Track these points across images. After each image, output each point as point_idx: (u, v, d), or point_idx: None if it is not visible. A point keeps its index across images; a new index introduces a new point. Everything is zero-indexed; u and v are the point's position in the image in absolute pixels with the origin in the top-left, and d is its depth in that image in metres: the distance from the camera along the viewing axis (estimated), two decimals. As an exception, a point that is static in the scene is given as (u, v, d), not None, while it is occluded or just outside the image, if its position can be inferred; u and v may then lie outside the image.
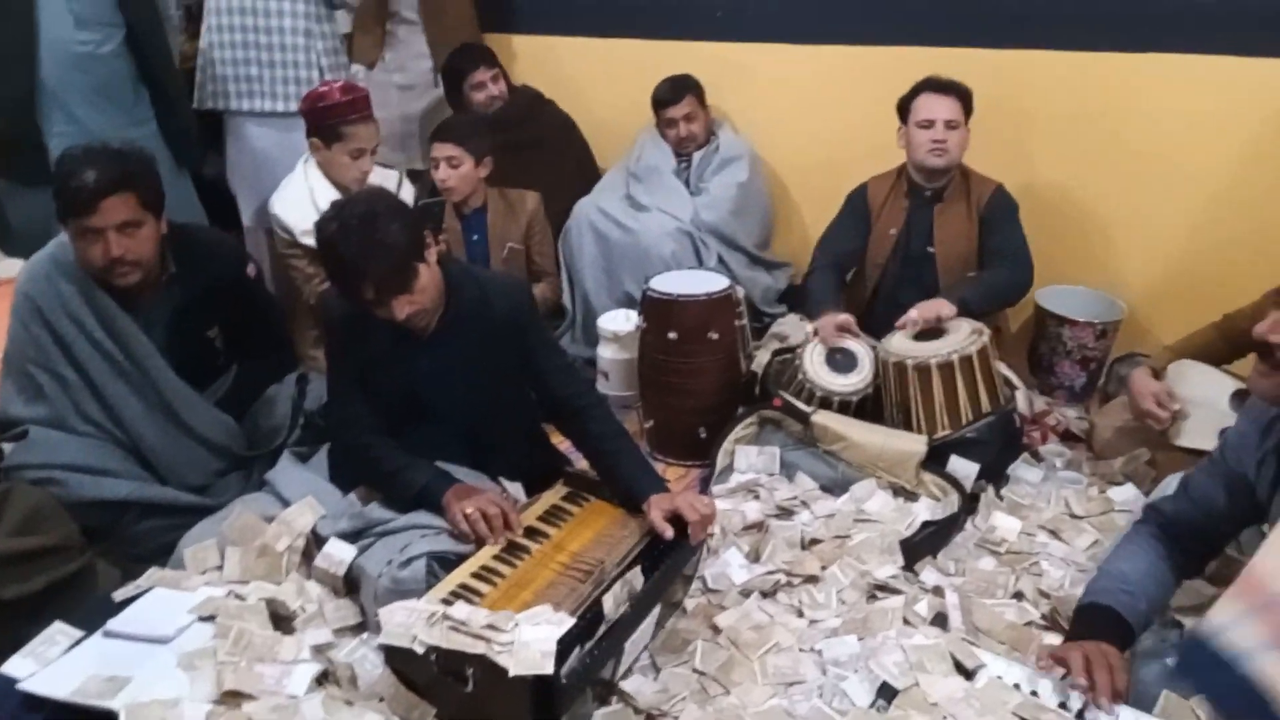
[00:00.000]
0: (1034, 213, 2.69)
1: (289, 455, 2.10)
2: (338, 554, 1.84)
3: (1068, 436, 2.60)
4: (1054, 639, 1.77)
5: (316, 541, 1.90)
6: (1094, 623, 1.47)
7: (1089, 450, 2.50)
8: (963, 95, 2.56)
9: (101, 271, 1.95)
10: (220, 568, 1.86)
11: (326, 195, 2.58)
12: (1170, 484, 1.79)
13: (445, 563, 1.75)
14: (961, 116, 2.56)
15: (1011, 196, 2.64)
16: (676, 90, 3.13)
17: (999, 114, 2.73)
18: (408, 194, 2.81)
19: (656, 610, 1.75)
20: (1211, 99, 2.65)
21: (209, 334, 2.20)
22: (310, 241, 2.12)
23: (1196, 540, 1.59)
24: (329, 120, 2.54)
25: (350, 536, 1.88)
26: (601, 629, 1.59)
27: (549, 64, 3.49)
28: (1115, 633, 1.45)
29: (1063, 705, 1.36)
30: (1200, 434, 2.12)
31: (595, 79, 3.50)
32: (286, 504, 1.94)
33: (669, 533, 1.76)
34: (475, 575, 1.71)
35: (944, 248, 2.64)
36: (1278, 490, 1.46)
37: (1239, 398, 2.10)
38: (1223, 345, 2.20)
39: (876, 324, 2.58)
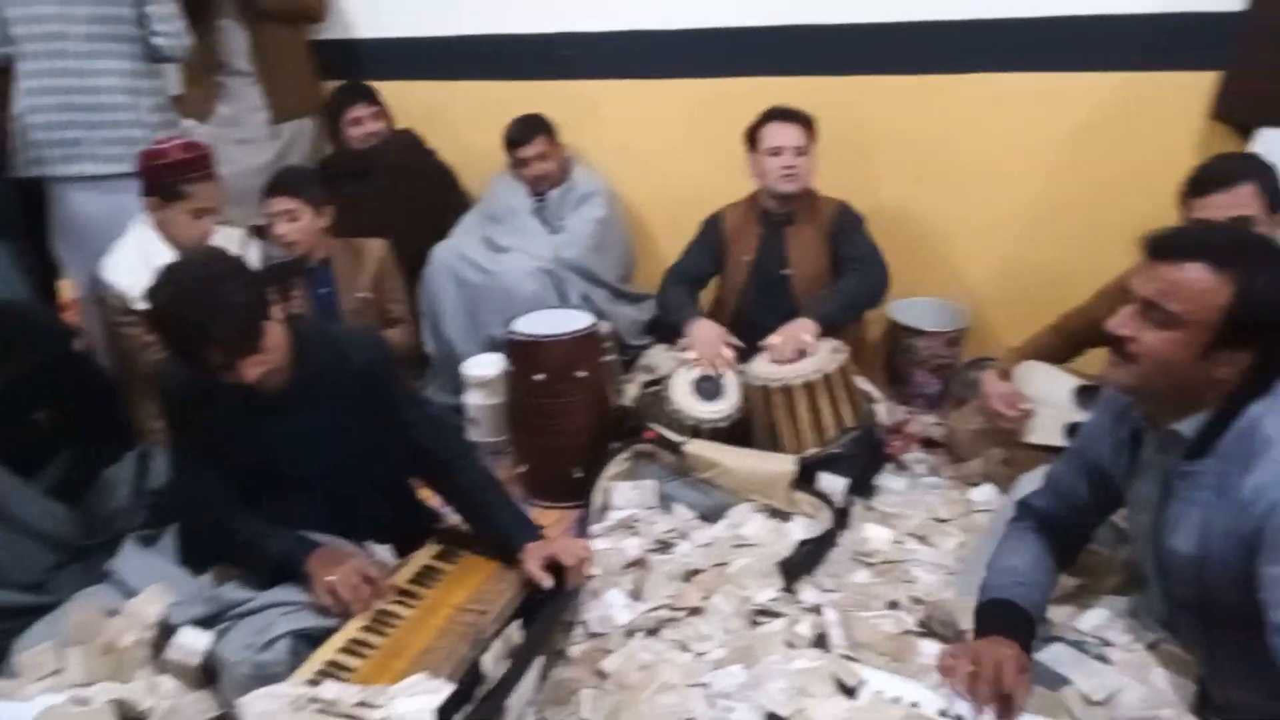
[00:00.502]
0: (880, 230, 2.79)
1: (132, 540, 1.95)
2: (191, 643, 1.71)
3: (928, 443, 2.70)
4: (930, 645, 1.81)
5: (167, 632, 1.76)
6: (995, 619, 1.50)
7: (948, 454, 2.60)
8: (807, 122, 2.66)
9: None
10: (60, 671, 1.70)
11: (164, 257, 2.42)
12: (1028, 481, 1.86)
13: (311, 640, 1.65)
14: (807, 142, 2.65)
15: (856, 212, 2.75)
16: (527, 130, 3.12)
17: (841, 138, 2.83)
18: (254, 253, 2.69)
19: (539, 663, 1.70)
20: (1029, 113, 2.83)
21: (35, 417, 2.04)
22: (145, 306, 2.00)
23: (1067, 532, 1.65)
24: (168, 179, 2.42)
25: (205, 622, 1.75)
26: (480, 690, 1.54)
27: (396, 109, 3.43)
28: (1016, 624, 1.48)
29: (943, 713, 1.39)
30: (1048, 431, 2.23)
31: (444, 122, 3.46)
32: (132, 594, 1.81)
33: (547, 582, 1.72)
34: (344, 650, 1.62)
35: (798, 269, 2.71)
36: (1132, 478, 1.53)
37: (1082, 394, 2.22)
38: (1061, 345, 2.33)
39: (740, 356, 2.60)
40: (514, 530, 1.82)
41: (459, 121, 3.47)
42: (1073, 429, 2.21)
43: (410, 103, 3.38)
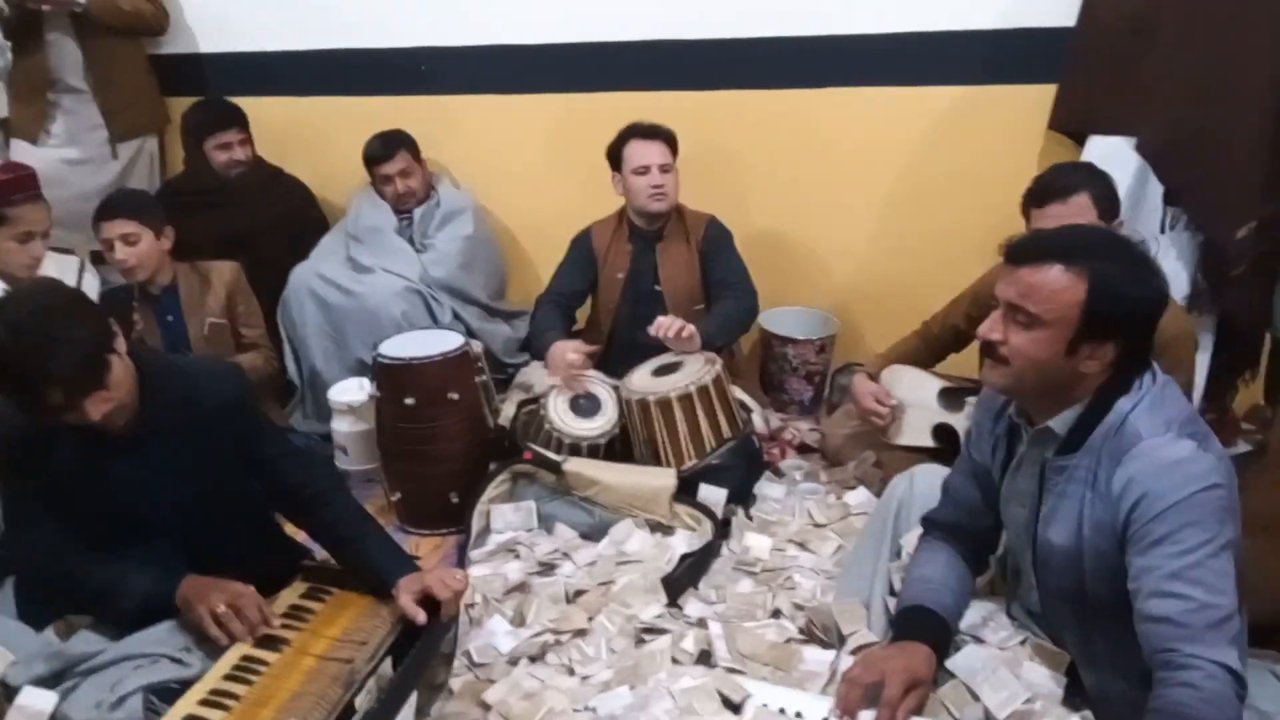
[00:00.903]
0: (748, 242, 2.84)
1: (-36, 597, 1.78)
2: (35, 704, 1.56)
3: (803, 449, 2.76)
4: (812, 651, 1.83)
5: (6, 694, 1.61)
6: (908, 625, 1.53)
7: (823, 460, 2.65)
8: (669, 138, 2.66)
9: None
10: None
11: (-10, 285, 2.27)
12: (899, 481, 1.90)
13: (166, 693, 1.54)
14: (672, 158, 2.65)
15: (725, 226, 2.77)
16: (388, 146, 3.03)
17: (703, 152, 2.87)
18: (91, 281, 2.52)
19: (413, 699, 1.63)
20: (881, 125, 2.93)
21: None
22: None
23: (973, 538, 1.69)
24: None
25: (49, 681, 1.61)
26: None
27: (259, 124, 3.27)
28: (928, 627, 1.52)
29: (826, 720, 1.40)
30: (915, 432, 2.31)
31: (300, 139, 3.34)
32: (-35, 656, 1.65)
33: (420, 617, 1.65)
34: (204, 703, 1.51)
35: (670, 284, 2.72)
36: (1008, 473, 1.58)
37: (946, 395, 2.31)
38: (924, 350, 2.42)
39: (615, 366, 2.61)
40: (386, 565, 1.74)
41: (315, 138, 3.35)
42: (938, 430, 2.29)
43: (263, 118, 3.23)
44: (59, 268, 2.44)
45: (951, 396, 2.31)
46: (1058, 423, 1.45)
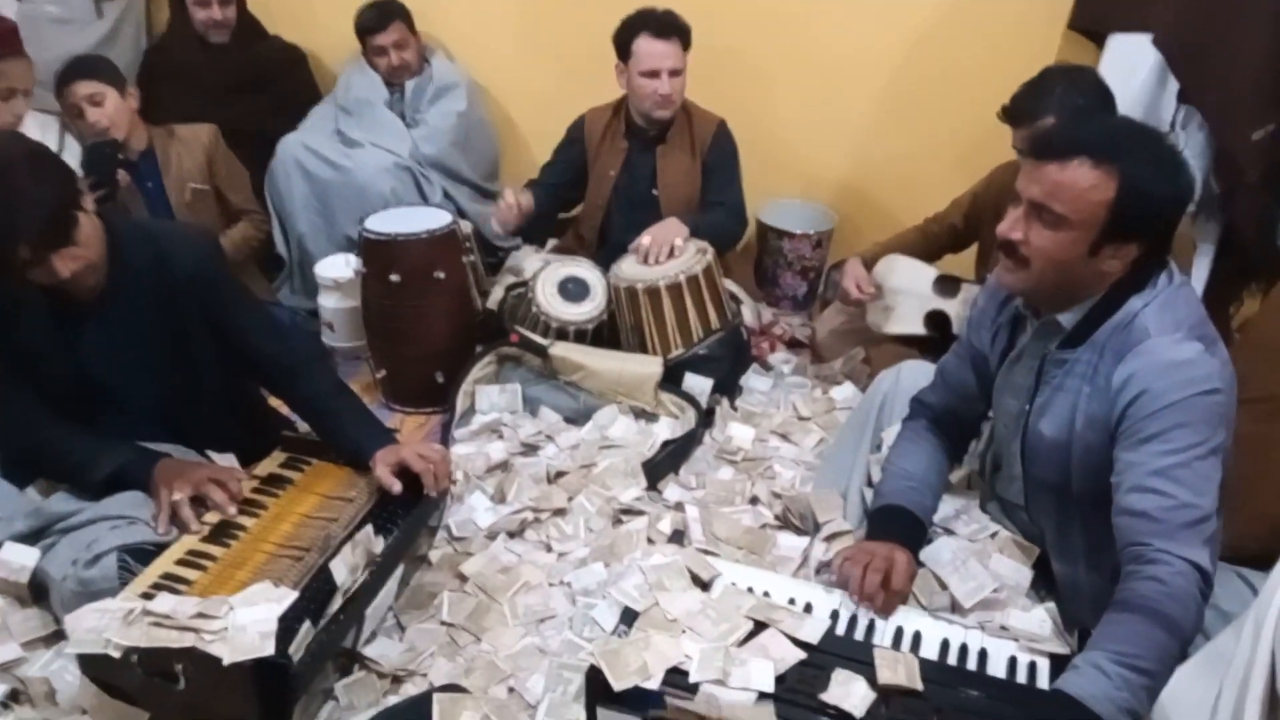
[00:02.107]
0: (746, 133, 2.73)
1: (-53, 455, 1.78)
2: (17, 559, 1.59)
3: (793, 344, 2.74)
4: (786, 537, 1.86)
5: (-11, 546, 1.63)
6: (888, 523, 1.55)
7: (813, 355, 2.64)
8: (684, 35, 2.46)
9: None
10: None
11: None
12: (885, 376, 1.89)
13: (141, 554, 1.55)
14: (683, 60, 2.47)
15: (732, 138, 2.62)
16: (383, 16, 2.91)
17: (706, 39, 2.72)
18: (72, 143, 2.45)
19: (400, 570, 1.65)
20: (882, 11, 2.79)
21: None
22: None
23: (959, 424, 1.70)
24: None
25: (30, 537, 1.63)
26: (338, 600, 1.48)
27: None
28: (907, 529, 1.53)
29: (791, 601, 1.42)
30: (907, 320, 2.29)
31: (294, 6, 3.20)
32: (-53, 511, 1.66)
33: (396, 487, 1.65)
34: (181, 562, 1.53)
35: (668, 191, 2.58)
36: (1005, 363, 1.56)
37: (941, 283, 2.28)
38: (922, 244, 2.38)
39: (604, 264, 2.53)
40: (364, 438, 1.74)
41: (305, 3, 3.21)
42: (931, 317, 2.27)
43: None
44: (41, 126, 2.38)
45: (946, 283, 2.29)
46: (1066, 317, 1.42)
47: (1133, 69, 2.34)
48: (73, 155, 2.41)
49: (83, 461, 1.68)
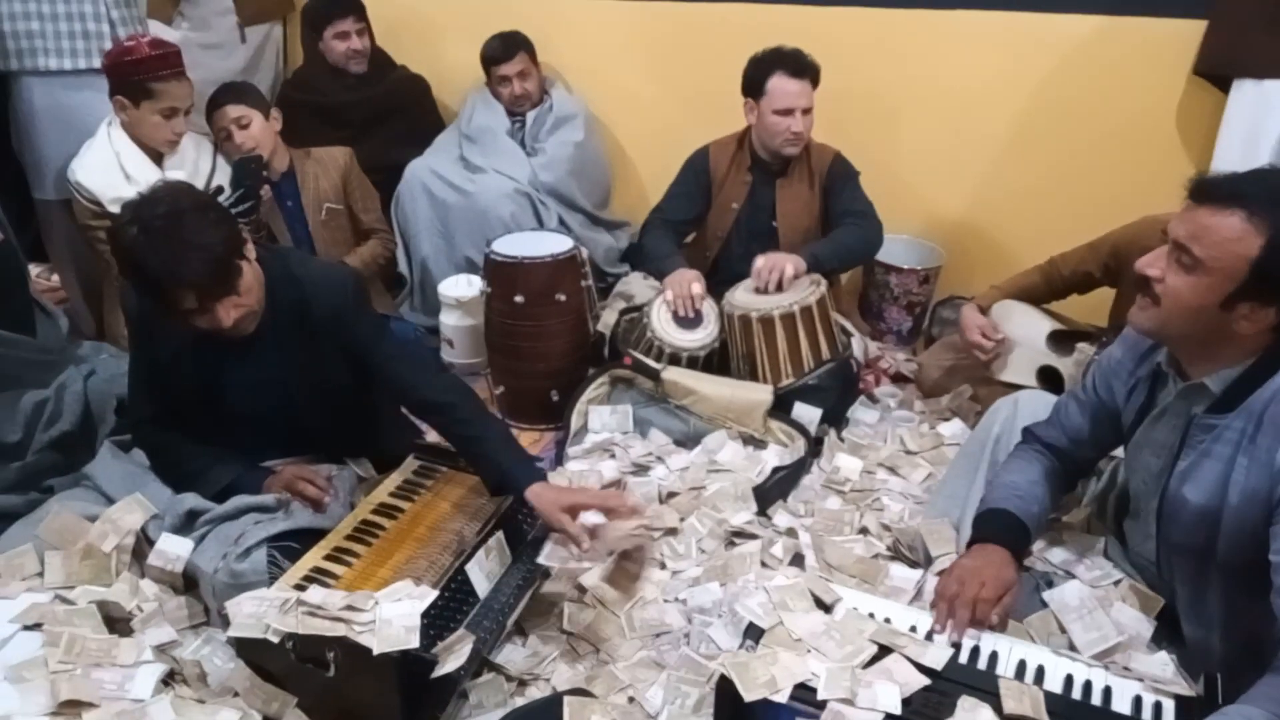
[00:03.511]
0: (858, 164, 2.77)
1: (109, 447, 1.93)
2: (172, 550, 1.71)
3: (898, 378, 2.75)
4: (899, 568, 1.88)
5: (147, 538, 1.76)
6: (989, 526, 1.56)
7: (918, 390, 2.65)
8: (815, 74, 2.50)
9: None
10: (40, 574, 1.70)
11: (135, 159, 2.39)
12: (998, 410, 1.89)
13: (286, 551, 1.66)
14: (813, 98, 2.51)
15: (850, 164, 2.65)
16: (508, 47, 3.05)
17: (823, 70, 2.80)
18: (223, 164, 2.62)
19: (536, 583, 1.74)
20: (1006, 52, 2.80)
21: None
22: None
23: (1067, 461, 1.69)
24: (137, 76, 2.33)
25: (181, 529, 1.76)
26: (477, 610, 1.58)
27: (377, 20, 3.31)
28: (1009, 530, 1.54)
29: (913, 629, 1.45)
30: (1020, 370, 2.28)
31: (420, 35, 3.37)
32: (110, 500, 1.80)
33: (585, 543, 1.63)
34: (328, 558, 1.64)
35: (786, 221, 2.62)
36: (1142, 418, 1.54)
37: (1056, 338, 2.26)
38: (1044, 287, 2.34)
39: (718, 292, 2.58)
40: (511, 467, 1.70)
41: (431, 33, 3.37)
42: (1044, 372, 2.26)
43: (380, 13, 3.26)
44: (196, 146, 2.55)
45: (1062, 340, 2.27)
46: (1214, 380, 1.38)
47: (1261, 118, 2.32)
48: (224, 174, 2.58)
49: (199, 472, 1.82)
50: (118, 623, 1.63)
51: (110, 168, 2.37)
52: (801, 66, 2.48)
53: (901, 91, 2.96)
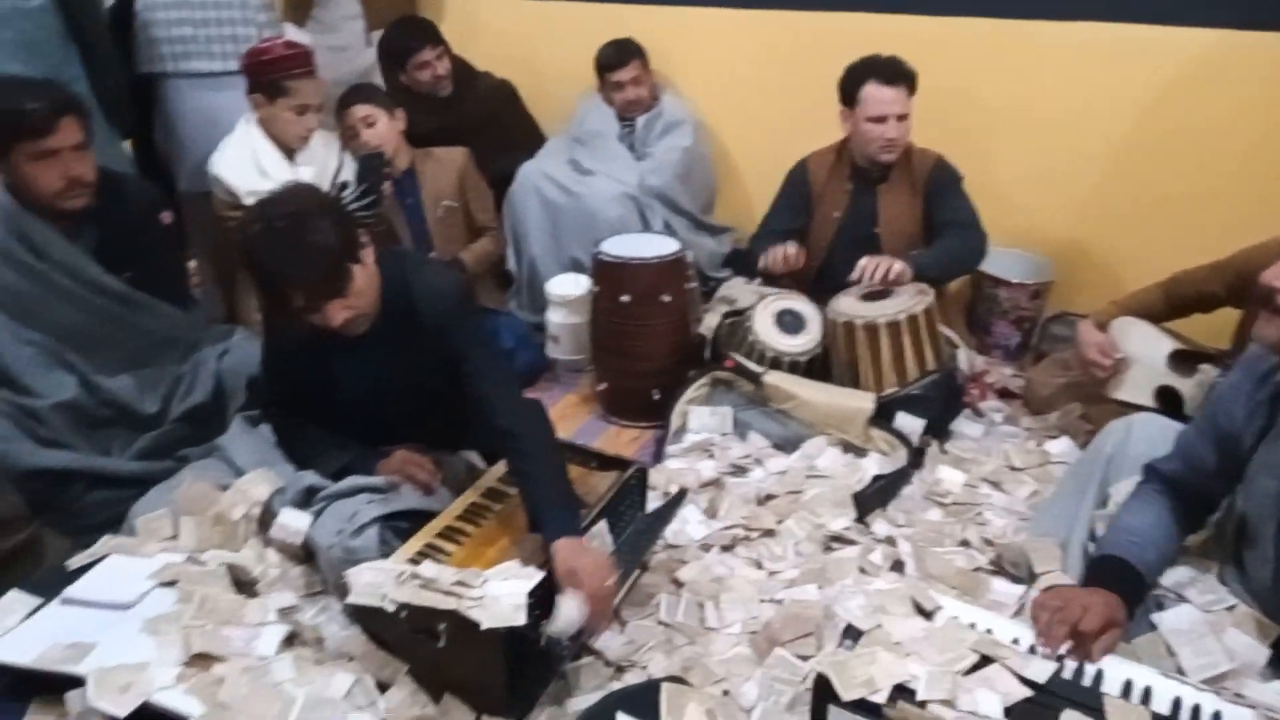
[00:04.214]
0: (969, 177, 2.73)
1: (240, 421, 2.06)
2: (293, 523, 1.81)
3: (1004, 393, 2.70)
4: (1000, 583, 1.85)
5: (271, 510, 1.87)
6: (1102, 573, 1.52)
7: (1025, 406, 2.60)
8: (910, 82, 2.49)
9: (56, 195, 1.98)
10: (175, 537, 1.82)
11: (269, 155, 2.53)
12: (1113, 432, 1.84)
13: (396, 530, 1.74)
14: (909, 105, 2.50)
15: (953, 167, 2.62)
16: (622, 54, 3.12)
17: (934, 80, 2.76)
18: (349, 161, 2.75)
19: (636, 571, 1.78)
20: (1120, 64, 2.73)
21: (125, 276, 2.14)
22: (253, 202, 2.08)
23: (1194, 497, 1.63)
24: (272, 74, 2.48)
25: (301, 504, 1.86)
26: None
27: (482, 26, 3.43)
28: (1122, 578, 1.50)
29: (1015, 641, 1.43)
30: (1137, 389, 2.21)
31: (532, 41, 3.47)
32: (239, 471, 1.91)
33: (566, 613, 1.53)
34: (440, 536, 1.71)
35: (889, 228, 2.61)
36: (1261, 443, 1.50)
37: (1177, 359, 2.19)
38: (1165, 305, 2.27)
39: (823, 302, 2.57)
40: (548, 517, 1.64)
41: (546, 42, 3.46)
42: (1163, 393, 2.19)
43: (483, 18, 3.35)
44: (325, 143, 2.68)
45: (1183, 360, 2.19)
46: None
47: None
48: (349, 171, 2.70)
49: (318, 453, 1.92)
50: (244, 585, 1.74)
51: (246, 163, 2.52)
52: (895, 74, 2.46)
53: (1016, 103, 2.91)
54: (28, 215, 2.01)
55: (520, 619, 1.45)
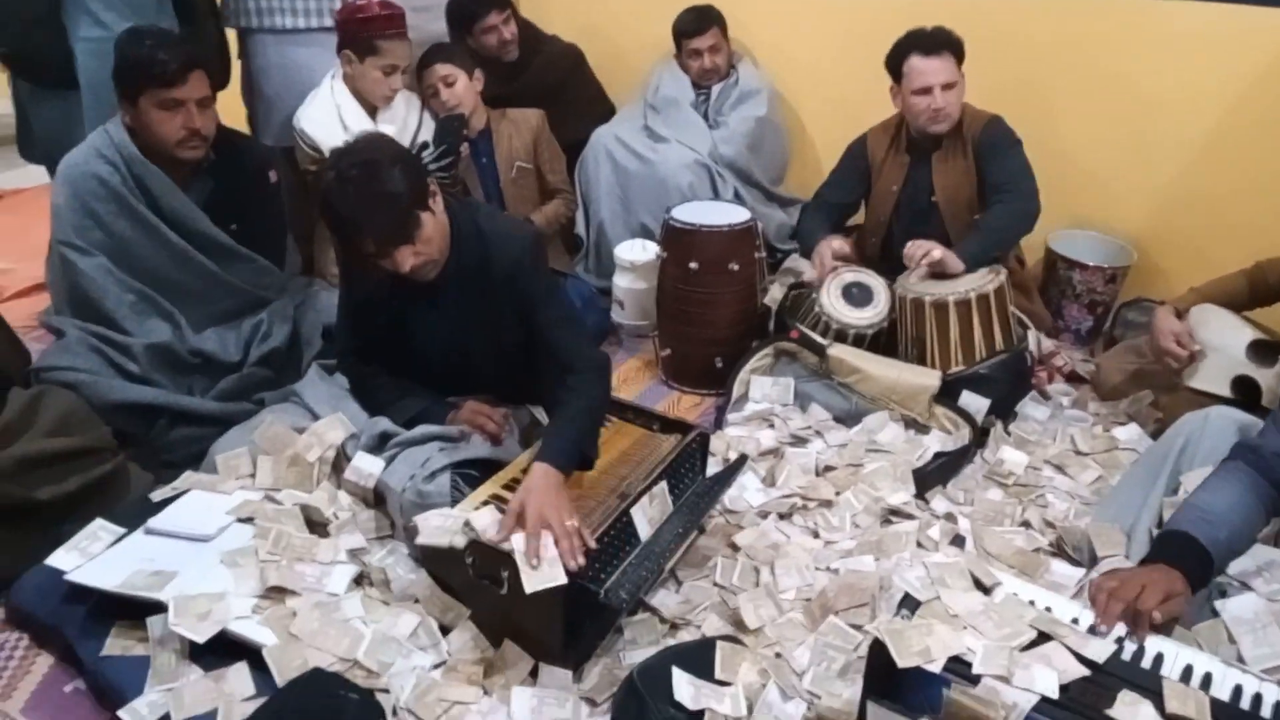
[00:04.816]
0: (1044, 155, 2.62)
1: (317, 369, 2.12)
2: (366, 467, 1.88)
3: (1072, 377, 2.66)
4: (1060, 565, 1.84)
5: (345, 454, 1.93)
6: (1167, 548, 1.48)
7: (1094, 391, 2.55)
8: (955, 49, 2.45)
9: (176, 145, 2.08)
10: (253, 475, 1.90)
11: (353, 112, 2.58)
12: (1188, 423, 1.80)
13: (466, 478, 1.79)
14: (956, 72, 2.45)
15: (1008, 127, 2.53)
16: (702, 21, 3.10)
17: (1011, 53, 2.70)
18: (430, 119, 2.79)
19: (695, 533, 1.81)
20: (1216, 46, 2.64)
21: (231, 228, 2.25)
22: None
23: None
24: (366, 33, 2.52)
25: (374, 449, 1.92)
26: (638, 552, 1.66)
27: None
28: (1186, 555, 1.45)
29: (1075, 620, 1.43)
30: (1213, 378, 2.16)
31: (606, 5, 3.46)
32: (315, 416, 1.98)
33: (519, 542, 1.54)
34: (506, 487, 1.75)
35: (945, 196, 2.57)
36: None
37: (1257, 348, 2.14)
38: (1248, 292, 2.22)
39: (889, 277, 2.57)
40: (550, 442, 1.69)
41: (621, 7, 3.44)
42: (1240, 382, 2.14)
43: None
44: (407, 103, 2.72)
45: (1263, 350, 2.13)
46: None
47: None
48: (428, 131, 2.75)
49: (391, 401, 1.98)
50: (316, 526, 1.81)
51: (331, 118, 2.58)
52: (936, 44, 2.44)
53: (1102, 80, 2.83)
54: (147, 163, 2.10)
55: (561, 578, 1.48)
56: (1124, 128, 2.86)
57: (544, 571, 1.50)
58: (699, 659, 1.50)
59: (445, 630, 1.64)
